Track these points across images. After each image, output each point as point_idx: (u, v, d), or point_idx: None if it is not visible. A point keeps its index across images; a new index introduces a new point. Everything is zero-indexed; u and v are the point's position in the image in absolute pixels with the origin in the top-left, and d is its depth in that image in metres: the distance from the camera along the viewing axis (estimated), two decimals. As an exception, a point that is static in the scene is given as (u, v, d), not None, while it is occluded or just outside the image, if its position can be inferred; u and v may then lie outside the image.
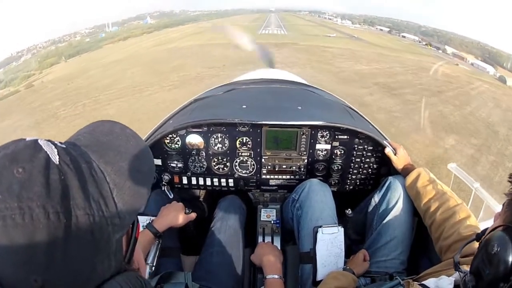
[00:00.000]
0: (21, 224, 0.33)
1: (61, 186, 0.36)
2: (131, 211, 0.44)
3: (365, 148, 1.49)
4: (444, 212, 1.10)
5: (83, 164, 0.40)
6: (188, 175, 1.55)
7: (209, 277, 1.18)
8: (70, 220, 0.35)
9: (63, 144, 0.41)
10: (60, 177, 0.36)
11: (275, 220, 1.53)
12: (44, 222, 0.34)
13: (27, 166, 0.36)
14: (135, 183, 0.45)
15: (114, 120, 0.51)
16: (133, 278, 0.43)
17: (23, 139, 0.39)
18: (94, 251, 0.38)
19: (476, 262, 0.62)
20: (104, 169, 0.42)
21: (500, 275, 0.54)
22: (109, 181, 0.41)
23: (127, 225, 0.44)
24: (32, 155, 0.37)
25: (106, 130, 0.49)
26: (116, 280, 0.41)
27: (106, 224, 0.39)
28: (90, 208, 0.37)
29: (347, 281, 1.03)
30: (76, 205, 0.36)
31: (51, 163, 0.37)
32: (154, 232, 1.15)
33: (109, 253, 0.40)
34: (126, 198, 0.42)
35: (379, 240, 1.24)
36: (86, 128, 0.49)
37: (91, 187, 0.39)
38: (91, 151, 0.43)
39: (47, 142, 0.39)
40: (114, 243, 0.41)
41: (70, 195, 0.36)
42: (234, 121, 1.42)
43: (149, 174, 0.50)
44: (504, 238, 0.56)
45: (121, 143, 0.47)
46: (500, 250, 0.55)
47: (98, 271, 0.39)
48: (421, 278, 0.86)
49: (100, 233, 0.38)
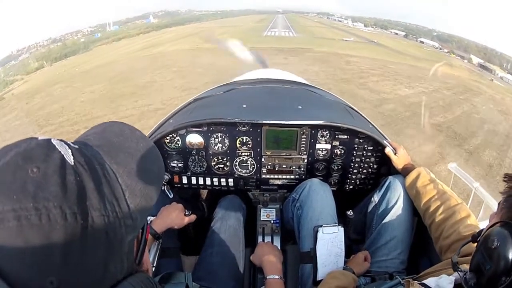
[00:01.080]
0: (37, 224, 0.33)
1: (77, 187, 0.36)
2: (142, 213, 0.44)
3: (365, 148, 1.50)
4: (444, 211, 1.10)
5: (97, 165, 0.40)
6: (188, 175, 1.55)
7: (209, 277, 1.18)
8: (86, 221, 0.35)
9: (75, 145, 0.41)
10: (76, 178, 0.36)
11: (274, 220, 1.53)
12: (61, 222, 0.34)
13: (41, 165, 0.35)
14: (145, 184, 0.45)
15: (123, 122, 0.52)
16: (145, 279, 0.44)
17: (35, 138, 0.39)
18: (108, 252, 0.38)
19: (475, 259, 0.62)
20: (116, 170, 0.42)
21: (502, 269, 0.54)
22: (121, 182, 0.41)
23: (139, 227, 0.44)
24: (46, 154, 0.37)
25: (116, 131, 0.49)
26: (128, 281, 0.41)
27: (119, 225, 0.39)
28: (105, 209, 0.38)
29: (347, 281, 1.03)
30: (92, 206, 0.36)
31: (67, 164, 0.37)
32: (153, 233, 1.14)
33: (122, 254, 0.41)
34: (137, 199, 0.43)
35: (379, 240, 1.24)
36: (96, 129, 0.49)
37: (105, 188, 0.39)
38: (103, 151, 0.43)
39: (60, 142, 0.39)
40: (126, 244, 0.41)
41: (87, 196, 0.36)
42: (234, 120, 1.42)
43: (159, 176, 0.51)
44: (503, 233, 0.56)
45: (131, 145, 0.48)
46: (500, 244, 0.55)
47: (112, 272, 0.40)
48: (421, 277, 0.86)
49: (114, 234, 0.38)
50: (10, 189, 0.34)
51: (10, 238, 0.33)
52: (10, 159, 0.36)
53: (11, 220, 0.33)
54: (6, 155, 0.36)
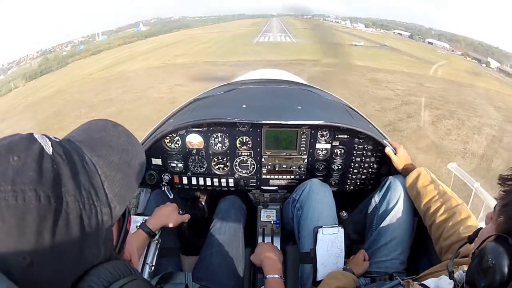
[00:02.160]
0: (14, 205, 0.36)
1: (53, 174, 0.39)
2: (121, 202, 0.46)
3: (365, 148, 1.49)
4: (444, 212, 1.09)
5: (75, 156, 0.43)
6: (188, 175, 1.55)
7: (209, 277, 1.18)
8: (60, 205, 0.38)
9: (57, 139, 0.44)
10: (53, 166, 0.39)
11: (275, 220, 1.53)
12: (35, 204, 0.36)
13: (22, 155, 0.38)
14: (125, 176, 0.48)
15: (107, 119, 0.55)
16: (121, 265, 0.45)
17: (19, 133, 0.42)
18: (82, 236, 0.40)
19: (470, 273, 0.62)
20: (96, 162, 0.45)
21: (495, 286, 0.54)
22: (101, 173, 0.44)
23: (117, 215, 0.46)
24: (27, 146, 0.40)
25: (99, 127, 0.53)
26: (104, 266, 0.43)
27: (95, 212, 0.42)
28: (81, 195, 0.40)
29: (347, 281, 1.03)
30: (67, 191, 0.39)
31: (45, 153, 0.40)
32: (147, 231, 1.15)
33: (98, 240, 0.43)
34: (116, 189, 0.45)
35: (379, 240, 1.24)
36: (81, 127, 0.53)
37: (82, 178, 0.42)
38: (84, 146, 0.46)
39: (42, 136, 0.42)
40: (104, 231, 0.43)
41: (62, 182, 0.39)
42: (234, 120, 1.42)
43: (139, 168, 0.53)
44: (498, 250, 0.55)
45: (113, 139, 0.51)
46: (495, 263, 0.55)
47: (86, 256, 0.42)
48: (421, 278, 0.86)
49: (89, 220, 0.41)
50: None
51: None
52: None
53: None
54: None
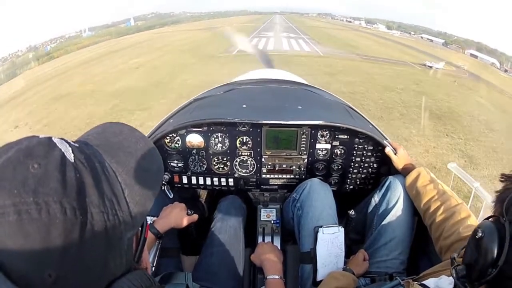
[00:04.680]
0: (37, 219, 0.34)
1: (76, 183, 0.37)
2: (141, 211, 0.45)
3: (365, 148, 1.49)
4: (444, 212, 1.09)
5: (97, 163, 0.40)
6: (188, 175, 1.55)
7: (210, 278, 1.18)
8: (85, 217, 0.36)
9: (76, 143, 0.42)
10: (76, 175, 0.37)
11: (275, 220, 1.53)
12: (61, 217, 0.34)
13: (42, 162, 0.36)
14: (144, 183, 0.46)
15: (123, 122, 0.53)
16: (143, 277, 0.44)
17: (36, 136, 0.40)
18: (107, 248, 0.39)
19: (466, 252, 0.63)
20: (115, 169, 0.43)
21: (488, 260, 0.55)
22: (121, 180, 0.42)
23: (138, 225, 0.45)
24: (47, 151, 0.37)
25: (116, 131, 0.50)
26: (127, 278, 0.42)
27: (118, 223, 0.40)
28: (104, 206, 0.38)
29: (347, 281, 1.03)
30: (91, 202, 0.37)
31: (67, 161, 0.37)
32: (155, 233, 1.14)
33: (120, 251, 0.41)
34: (136, 198, 0.43)
35: (379, 240, 1.24)
36: (96, 129, 0.50)
37: (104, 186, 0.39)
38: (102, 150, 0.44)
39: (60, 140, 0.40)
40: (125, 241, 0.42)
41: (86, 193, 0.37)
42: (234, 120, 1.42)
43: (158, 175, 0.52)
44: (490, 225, 0.57)
45: (130, 144, 0.49)
46: (485, 235, 0.56)
47: (110, 269, 0.40)
48: (421, 278, 0.86)
49: (113, 231, 0.39)
50: (11, 184, 0.34)
51: (11, 232, 0.33)
52: (11, 155, 0.37)
53: (11, 214, 0.33)
54: (8, 151, 0.37)
